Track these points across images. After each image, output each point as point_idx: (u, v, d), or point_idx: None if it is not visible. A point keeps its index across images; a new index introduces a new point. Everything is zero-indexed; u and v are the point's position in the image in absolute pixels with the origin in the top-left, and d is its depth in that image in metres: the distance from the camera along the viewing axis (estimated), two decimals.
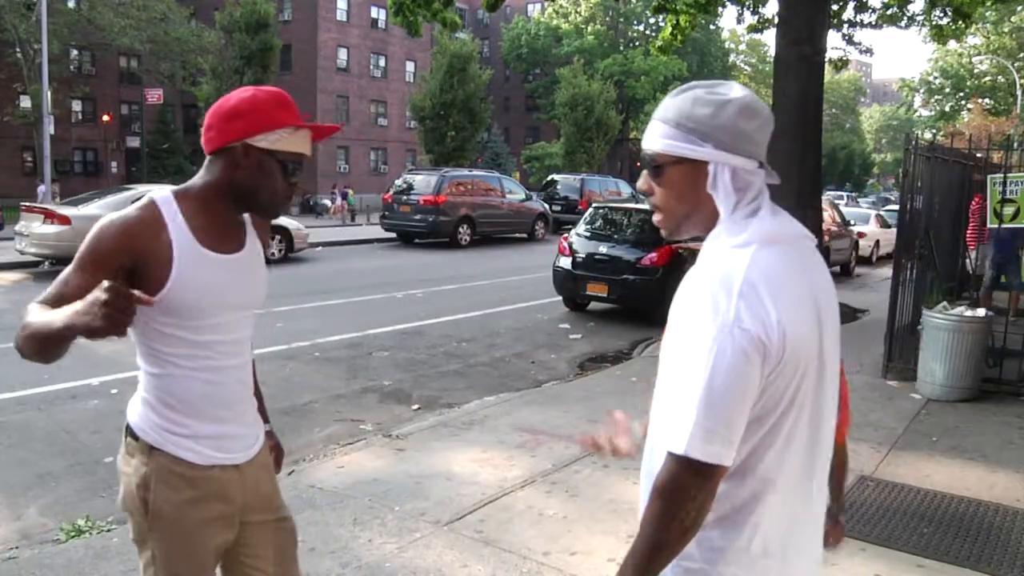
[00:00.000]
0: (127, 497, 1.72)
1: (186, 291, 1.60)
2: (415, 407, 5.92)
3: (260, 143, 1.61)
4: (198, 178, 1.69)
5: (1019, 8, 31.89)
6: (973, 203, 8.92)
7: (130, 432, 1.74)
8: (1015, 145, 11.86)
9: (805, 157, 7.82)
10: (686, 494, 1.19)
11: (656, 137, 1.30)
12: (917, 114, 50.73)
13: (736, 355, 1.17)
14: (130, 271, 1.57)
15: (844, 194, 45.76)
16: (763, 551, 1.30)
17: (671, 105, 1.30)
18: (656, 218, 1.37)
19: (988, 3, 9.91)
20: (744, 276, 1.20)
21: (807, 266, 1.30)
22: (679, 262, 9.35)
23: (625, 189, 26.35)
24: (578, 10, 52.15)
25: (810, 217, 7.61)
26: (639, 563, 1.23)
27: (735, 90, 1.28)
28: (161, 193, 1.67)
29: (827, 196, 19.67)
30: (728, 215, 1.28)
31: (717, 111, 1.25)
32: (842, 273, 15.07)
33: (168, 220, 1.61)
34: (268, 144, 1.61)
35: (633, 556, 1.24)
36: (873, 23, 10.67)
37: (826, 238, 11.88)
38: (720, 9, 10.16)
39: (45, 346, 1.52)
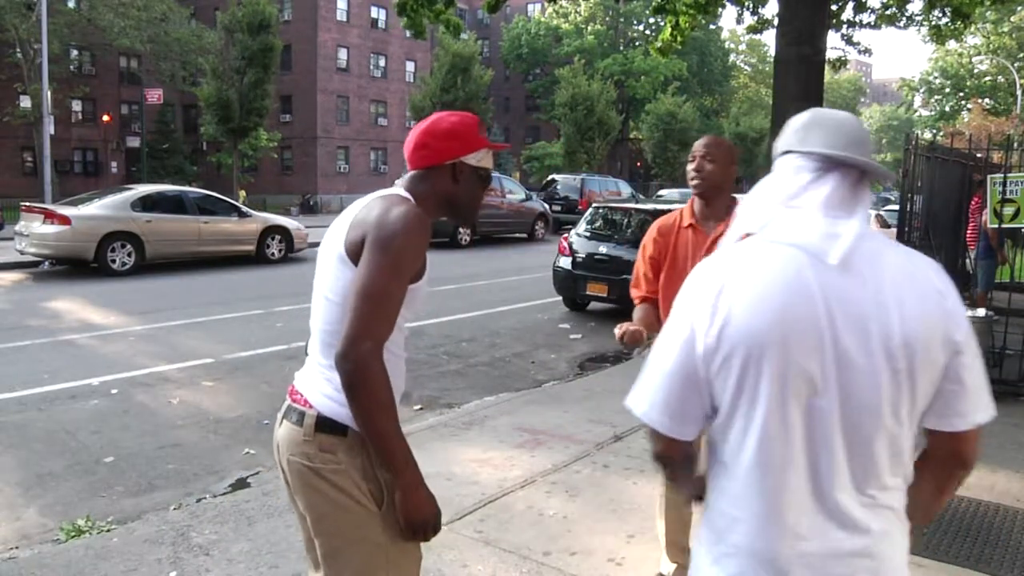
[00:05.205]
0: (340, 496, 1.70)
1: (423, 285, 1.79)
2: (416, 407, 5.92)
3: (470, 161, 1.83)
4: (417, 187, 1.82)
5: (1019, 8, 31.90)
6: (973, 203, 8.94)
7: (328, 428, 1.71)
8: (1015, 145, 11.86)
9: None
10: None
11: None
12: (917, 114, 50.80)
13: (671, 334, 1.36)
14: None
15: None
16: (732, 543, 1.33)
17: None
18: None
19: (988, 3, 9.88)
20: (707, 268, 1.35)
21: (811, 271, 1.26)
22: None
23: (625, 189, 26.30)
24: (578, 10, 52.15)
25: None
26: None
27: None
28: (405, 193, 1.80)
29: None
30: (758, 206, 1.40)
31: None
32: None
33: None
34: (475, 162, 1.85)
35: None
36: (872, 23, 10.66)
37: None
38: (720, 10, 10.13)
39: (375, 433, 1.63)
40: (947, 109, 45.80)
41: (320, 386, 1.75)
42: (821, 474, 1.27)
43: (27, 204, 13.62)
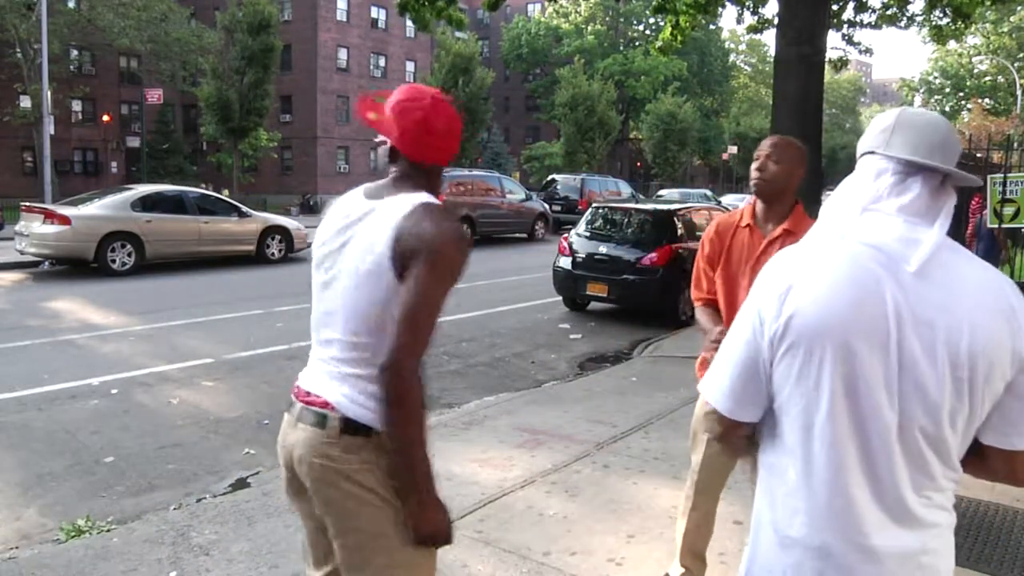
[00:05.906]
0: (365, 494, 1.70)
1: None
2: None
3: None
4: (424, 183, 1.75)
5: (1019, 8, 31.91)
6: (973, 203, 8.93)
7: (354, 430, 1.70)
8: (1015, 145, 11.87)
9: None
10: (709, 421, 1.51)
11: None
12: None
13: (740, 324, 1.39)
14: None
15: None
16: (790, 535, 1.34)
17: None
18: None
19: (988, 3, 9.89)
20: (780, 261, 1.37)
21: (884, 272, 1.27)
22: (679, 262, 9.36)
23: (625, 189, 26.29)
24: (578, 10, 52.16)
25: (811, 217, 7.64)
26: None
27: None
28: (436, 199, 1.74)
29: (829, 196, 19.67)
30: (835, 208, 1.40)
31: None
32: None
33: None
34: None
35: None
36: (873, 23, 10.68)
37: None
38: (720, 9, 10.15)
39: (406, 443, 1.65)
40: (947, 109, 45.80)
41: (343, 389, 1.71)
42: (880, 473, 1.28)
43: (27, 204, 13.61)
